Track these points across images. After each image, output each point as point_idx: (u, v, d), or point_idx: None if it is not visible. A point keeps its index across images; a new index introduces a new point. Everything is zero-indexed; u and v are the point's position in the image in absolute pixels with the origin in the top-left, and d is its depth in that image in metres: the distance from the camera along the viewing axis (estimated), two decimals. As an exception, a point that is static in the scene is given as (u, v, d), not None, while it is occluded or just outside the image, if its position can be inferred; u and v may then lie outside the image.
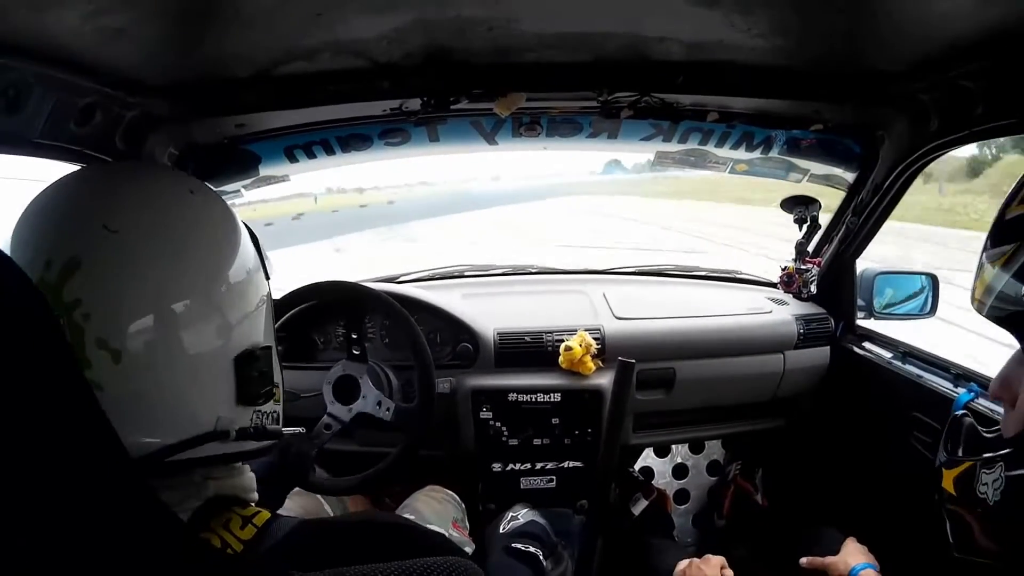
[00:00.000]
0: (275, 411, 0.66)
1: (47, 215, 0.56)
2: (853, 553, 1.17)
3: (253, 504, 0.61)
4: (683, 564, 1.21)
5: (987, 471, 0.78)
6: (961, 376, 1.26)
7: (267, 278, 0.69)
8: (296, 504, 1.16)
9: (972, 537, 0.75)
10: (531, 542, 0.97)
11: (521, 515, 1.20)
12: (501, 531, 0.97)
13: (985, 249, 0.62)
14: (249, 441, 0.59)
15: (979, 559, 0.74)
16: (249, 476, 0.65)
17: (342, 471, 1.21)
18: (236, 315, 0.60)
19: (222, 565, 0.52)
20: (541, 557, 0.97)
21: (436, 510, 1.25)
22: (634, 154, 1.56)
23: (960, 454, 0.80)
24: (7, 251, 0.52)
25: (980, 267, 0.61)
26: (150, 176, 0.64)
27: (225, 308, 0.59)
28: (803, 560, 1.18)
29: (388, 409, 1.22)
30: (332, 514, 1.24)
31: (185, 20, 0.80)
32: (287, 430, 0.67)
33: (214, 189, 0.68)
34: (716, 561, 1.18)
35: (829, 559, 1.16)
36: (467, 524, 1.32)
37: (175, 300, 0.55)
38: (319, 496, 1.22)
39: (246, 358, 0.60)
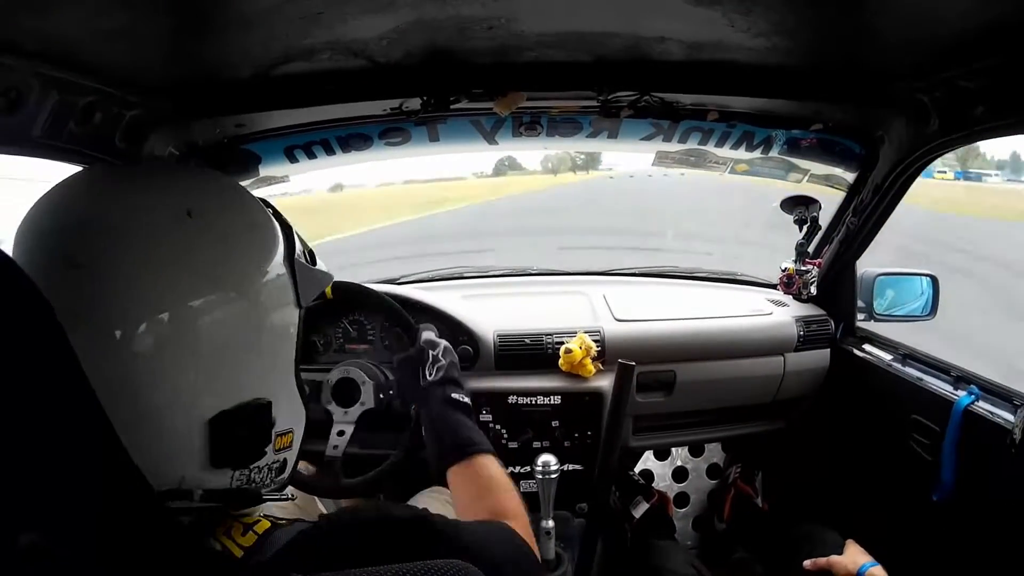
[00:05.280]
0: (277, 460, 0.60)
1: (29, 230, 0.52)
2: (857, 554, 1.17)
3: (255, 513, 0.59)
4: None
5: None
6: (961, 379, 1.26)
7: (299, 307, 0.61)
8: (292, 504, 1.15)
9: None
10: (461, 390, 0.97)
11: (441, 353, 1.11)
12: (430, 379, 0.96)
13: None
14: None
15: None
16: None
17: (348, 474, 1.20)
18: (220, 371, 0.53)
19: (221, 569, 0.52)
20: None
21: (439, 512, 1.24)
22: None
23: None
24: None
25: None
26: (143, 190, 0.55)
27: (195, 365, 0.51)
28: (807, 563, 1.18)
29: (390, 404, 1.22)
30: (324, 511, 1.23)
31: (185, 20, 0.80)
32: (272, 498, 0.59)
33: (238, 193, 0.60)
34: None
35: (835, 558, 1.15)
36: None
37: (134, 345, 0.48)
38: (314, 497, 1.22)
39: (225, 419, 0.52)
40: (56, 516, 0.39)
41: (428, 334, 1.05)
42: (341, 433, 1.20)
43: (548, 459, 1.21)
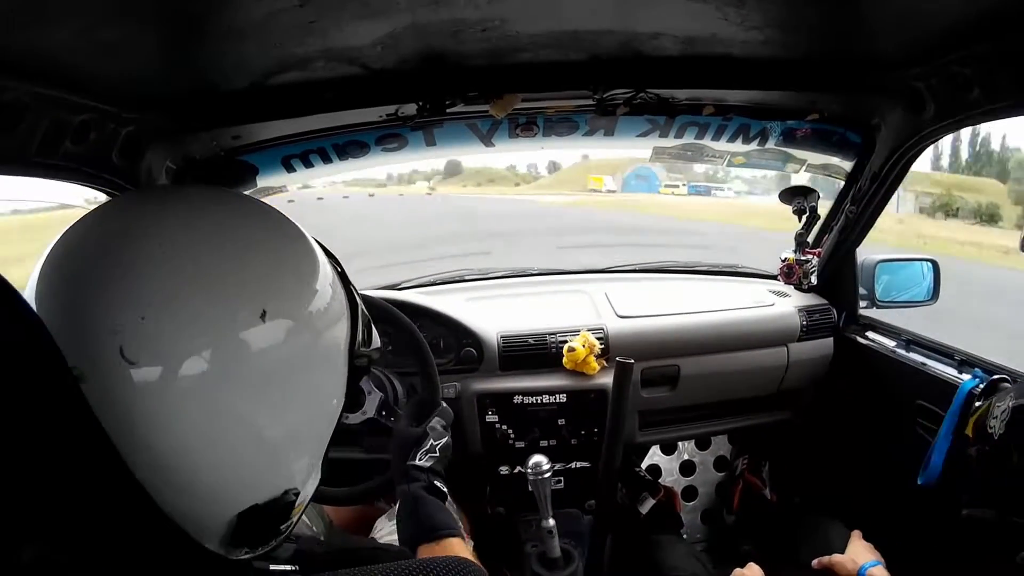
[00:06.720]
0: (288, 524, 0.58)
1: (64, 283, 0.47)
2: (859, 550, 1.16)
3: None
4: None
5: (999, 404, 0.84)
6: (965, 362, 1.26)
7: (344, 398, 0.60)
8: None
9: (980, 481, 0.81)
10: (443, 480, 0.98)
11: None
12: (419, 463, 0.96)
13: None
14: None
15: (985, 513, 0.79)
16: None
17: (346, 479, 1.20)
18: (262, 467, 0.51)
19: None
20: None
21: None
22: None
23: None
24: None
25: None
26: (218, 279, 0.48)
27: (242, 463, 0.49)
28: (814, 562, 1.17)
29: (392, 419, 1.21)
30: (307, 522, 1.22)
31: (178, 33, 0.80)
32: (277, 568, 0.58)
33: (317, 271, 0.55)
34: (757, 571, 1.17)
35: (836, 557, 1.14)
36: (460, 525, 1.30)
37: (175, 451, 0.46)
38: None
39: (255, 512, 0.51)
40: (56, 530, 0.39)
41: (439, 421, 1.06)
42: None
43: (539, 459, 1.22)
